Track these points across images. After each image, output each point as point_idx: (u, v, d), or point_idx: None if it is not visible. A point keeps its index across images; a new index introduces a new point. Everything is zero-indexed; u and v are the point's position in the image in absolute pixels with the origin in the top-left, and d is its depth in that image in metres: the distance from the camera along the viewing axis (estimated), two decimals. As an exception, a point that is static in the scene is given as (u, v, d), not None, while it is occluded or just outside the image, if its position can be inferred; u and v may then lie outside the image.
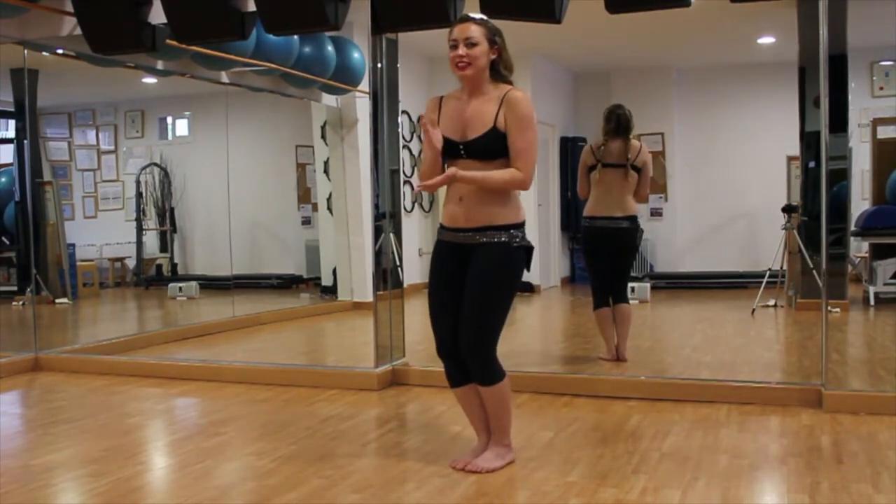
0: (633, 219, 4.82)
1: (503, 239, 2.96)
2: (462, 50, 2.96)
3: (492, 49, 2.98)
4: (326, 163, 8.46)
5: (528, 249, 3.03)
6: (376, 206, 4.77)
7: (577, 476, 2.96)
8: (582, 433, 3.56)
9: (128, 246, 8.77)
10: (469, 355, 3.00)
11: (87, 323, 7.82)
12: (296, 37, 6.64)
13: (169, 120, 8.98)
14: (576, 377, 4.45)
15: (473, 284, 2.98)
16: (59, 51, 6.05)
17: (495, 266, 2.97)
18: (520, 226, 3.01)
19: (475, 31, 2.96)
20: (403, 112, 8.82)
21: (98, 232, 8.72)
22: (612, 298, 4.92)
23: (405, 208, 9.33)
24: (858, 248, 8.27)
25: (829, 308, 4.14)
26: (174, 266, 8.84)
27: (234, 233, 7.95)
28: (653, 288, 8.50)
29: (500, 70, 3.01)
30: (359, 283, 7.96)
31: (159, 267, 8.89)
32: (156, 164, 8.77)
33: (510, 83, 3.03)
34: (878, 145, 8.06)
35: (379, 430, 3.76)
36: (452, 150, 3.01)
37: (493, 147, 2.95)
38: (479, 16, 3.05)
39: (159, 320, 7.97)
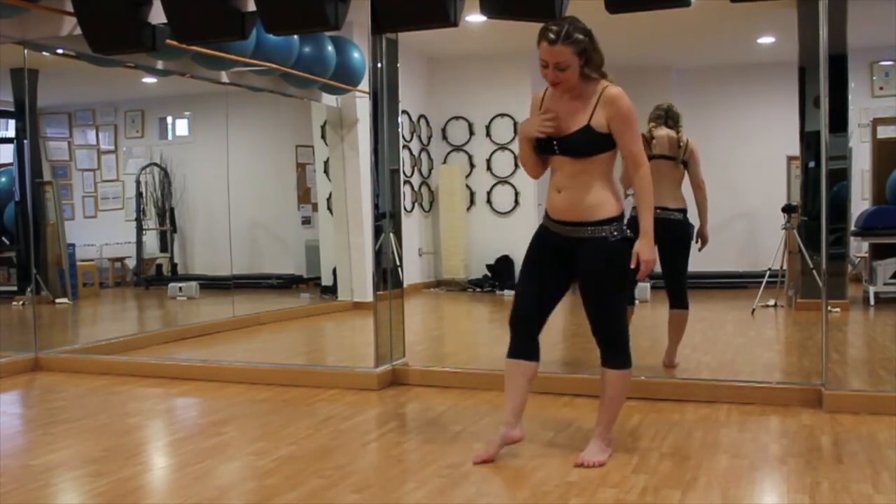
0: (685, 211, 4.80)
1: (603, 234, 3.03)
2: (553, 75, 3.01)
3: (581, 61, 3.00)
4: (326, 163, 8.47)
5: (630, 240, 3.08)
6: (376, 206, 4.77)
7: (577, 476, 2.96)
8: (582, 433, 3.55)
9: (128, 246, 8.77)
10: (605, 344, 3.14)
11: (87, 323, 7.82)
12: (296, 37, 6.64)
13: (169, 120, 8.98)
14: (576, 377, 4.44)
15: (588, 283, 3.10)
16: (59, 51, 6.05)
17: (602, 264, 3.06)
18: (619, 218, 3.08)
19: (565, 54, 2.96)
20: (403, 112, 8.84)
21: (98, 232, 8.72)
22: (670, 301, 4.86)
23: (405, 208, 9.33)
24: (858, 248, 8.27)
25: (829, 308, 4.14)
26: (174, 266, 8.84)
27: (234, 233, 7.95)
28: (653, 288, 8.49)
29: (586, 73, 3.05)
30: (359, 283, 7.96)
31: (159, 267, 8.89)
32: (156, 164, 8.77)
33: (604, 75, 3.09)
34: (878, 145, 8.06)
35: (379, 430, 3.76)
36: (547, 147, 3.10)
37: (586, 144, 3.02)
38: (564, 27, 2.97)
39: (159, 320, 7.97)
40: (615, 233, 3.05)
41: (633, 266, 3.02)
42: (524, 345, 3.18)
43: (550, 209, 3.16)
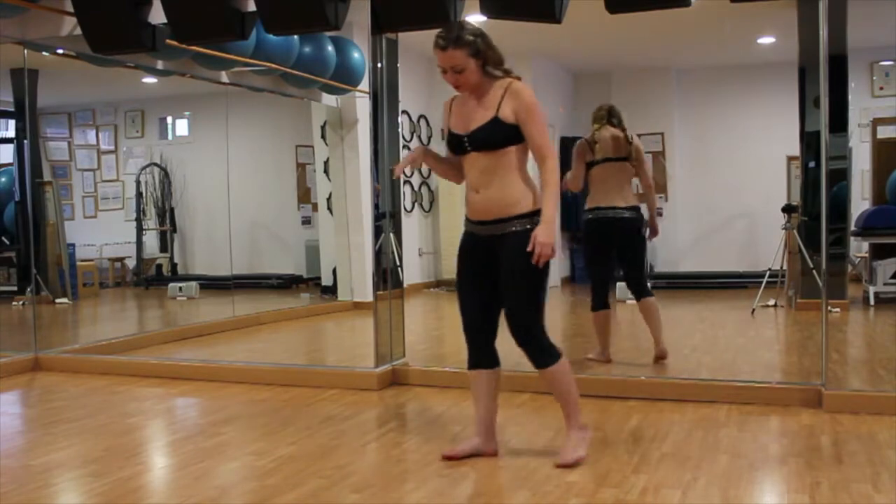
0: (635, 209, 4.84)
1: (526, 227, 3.02)
2: (452, 78, 3.07)
3: (478, 61, 3.04)
4: (326, 163, 8.47)
5: None
6: (376, 206, 4.77)
7: (577, 476, 2.96)
8: (582, 433, 3.55)
9: (128, 246, 8.77)
10: (523, 343, 3.10)
11: (87, 323, 7.82)
12: (296, 37, 6.64)
13: (169, 120, 8.98)
14: (576, 377, 4.42)
15: (508, 278, 3.07)
16: (59, 51, 6.05)
17: (523, 256, 3.01)
18: (539, 212, 3.05)
19: (458, 58, 3.02)
20: (403, 112, 8.84)
21: (98, 232, 8.72)
22: (634, 294, 4.96)
23: (405, 208, 9.33)
24: (858, 248, 8.27)
25: (829, 308, 4.14)
26: (174, 266, 8.84)
27: (234, 233, 7.95)
28: (653, 288, 8.49)
29: (489, 71, 3.08)
30: (359, 283, 7.96)
31: (159, 267, 8.89)
32: (156, 164, 8.77)
33: (508, 72, 3.11)
34: (878, 145, 8.06)
35: (379, 430, 3.76)
36: (459, 145, 3.12)
37: (495, 136, 3.04)
38: (454, 32, 3.03)
39: (159, 320, 7.97)
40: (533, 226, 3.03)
41: (528, 249, 2.95)
42: (480, 354, 3.19)
43: (470, 212, 3.15)
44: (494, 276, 3.13)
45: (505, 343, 3.16)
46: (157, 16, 4.58)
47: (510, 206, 3.04)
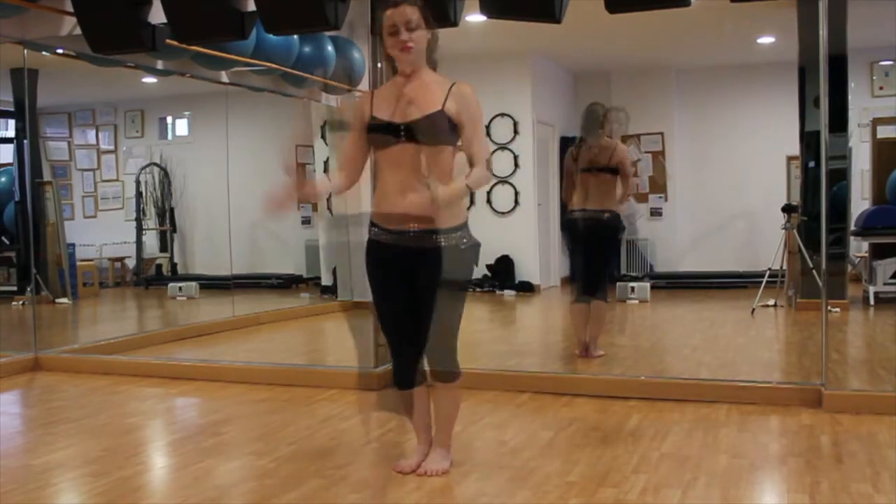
0: (611, 212, 4.96)
1: (453, 242, 2.91)
2: (405, 35, 2.87)
3: (428, 31, 2.94)
4: (326, 163, 8.47)
5: (477, 247, 3.00)
6: (376, 206, 4.76)
7: (577, 476, 2.96)
8: (582, 433, 3.56)
9: (128, 246, 8.77)
10: (438, 356, 3.00)
11: (87, 323, 7.82)
12: (296, 37, 6.64)
13: (169, 120, 8.98)
14: (576, 377, 4.45)
15: (434, 289, 2.92)
16: (59, 51, 6.05)
17: (453, 271, 2.93)
18: (465, 225, 2.97)
19: (414, 15, 2.88)
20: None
21: (98, 232, 8.71)
22: (590, 293, 5.06)
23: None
24: (858, 248, 8.27)
25: (829, 308, 4.14)
26: (174, 266, 8.84)
27: (234, 233, 7.95)
28: (653, 288, 8.50)
29: (432, 50, 2.99)
30: (359, 283, 7.95)
31: (159, 267, 8.89)
32: (156, 164, 8.77)
33: (435, 69, 3.01)
34: (878, 145, 8.06)
35: (379, 430, 3.76)
36: (389, 134, 2.90)
37: (436, 130, 2.86)
38: None
39: (159, 320, 7.97)
40: (465, 240, 2.94)
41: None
42: (416, 372, 3.07)
43: (391, 219, 2.96)
44: (413, 288, 2.99)
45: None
46: (157, 16, 4.57)
47: (445, 216, 2.88)
